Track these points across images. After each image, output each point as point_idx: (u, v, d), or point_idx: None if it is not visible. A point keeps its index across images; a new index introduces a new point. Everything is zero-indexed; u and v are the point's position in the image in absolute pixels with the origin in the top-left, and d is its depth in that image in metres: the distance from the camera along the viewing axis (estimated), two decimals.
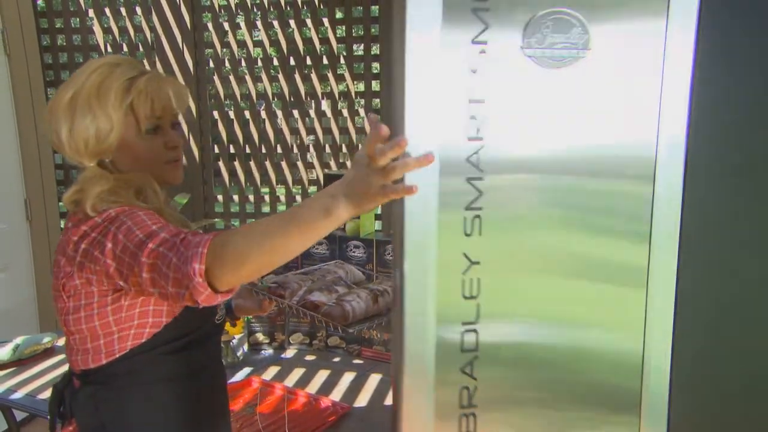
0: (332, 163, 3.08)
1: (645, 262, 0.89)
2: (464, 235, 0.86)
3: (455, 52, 0.82)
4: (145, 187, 1.10)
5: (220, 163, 3.17)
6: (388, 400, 1.65)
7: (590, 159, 0.87)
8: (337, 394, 1.68)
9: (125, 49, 3.06)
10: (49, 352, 1.96)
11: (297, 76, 3.03)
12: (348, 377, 1.79)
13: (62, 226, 3.03)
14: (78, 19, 3.10)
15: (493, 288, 0.88)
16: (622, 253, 0.90)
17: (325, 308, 1.38)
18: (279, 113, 3.11)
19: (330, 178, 1.96)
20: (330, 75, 3.02)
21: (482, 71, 0.83)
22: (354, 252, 1.92)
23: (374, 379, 1.77)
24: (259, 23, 3.05)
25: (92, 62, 1.10)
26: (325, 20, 2.99)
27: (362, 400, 1.65)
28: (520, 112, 0.85)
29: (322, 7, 3.00)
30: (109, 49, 3.04)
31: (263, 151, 3.13)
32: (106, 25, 3.06)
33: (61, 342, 2.03)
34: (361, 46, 3.08)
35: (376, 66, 2.97)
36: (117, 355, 1.06)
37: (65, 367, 1.18)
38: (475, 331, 0.88)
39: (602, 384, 0.93)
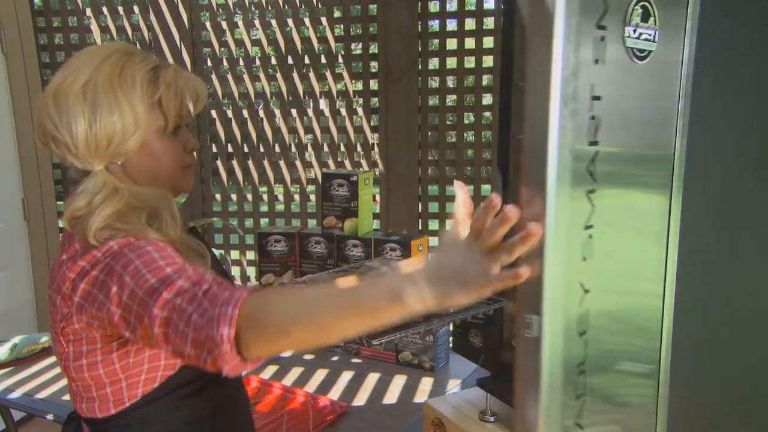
0: (330, 162, 3.08)
1: None
2: (581, 260, 0.73)
3: (585, 37, 0.68)
4: (162, 210, 0.94)
5: (218, 162, 3.16)
6: (386, 399, 1.64)
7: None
8: (335, 393, 1.68)
9: None
10: (47, 351, 1.96)
11: (295, 75, 3.03)
12: (346, 376, 1.78)
13: (60, 225, 3.03)
14: (75, 18, 3.09)
15: (600, 318, 0.75)
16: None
17: None
18: (277, 112, 3.10)
19: (328, 177, 1.95)
20: (328, 74, 3.01)
21: (603, 62, 0.71)
22: (352, 251, 1.91)
23: (373, 378, 1.77)
24: (257, 22, 3.05)
25: (99, 48, 0.94)
26: (323, 19, 2.98)
27: (360, 399, 1.65)
28: (623, 112, 0.75)
29: (320, 6, 3.00)
30: None
31: (261, 150, 3.13)
32: (103, 24, 3.05)
33: None
34: (359, 45, 3.08)
35: (374, 65, 2.97)
36: (127, 404, 0.94)
37: None
38: (584, 372, 0.75)
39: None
